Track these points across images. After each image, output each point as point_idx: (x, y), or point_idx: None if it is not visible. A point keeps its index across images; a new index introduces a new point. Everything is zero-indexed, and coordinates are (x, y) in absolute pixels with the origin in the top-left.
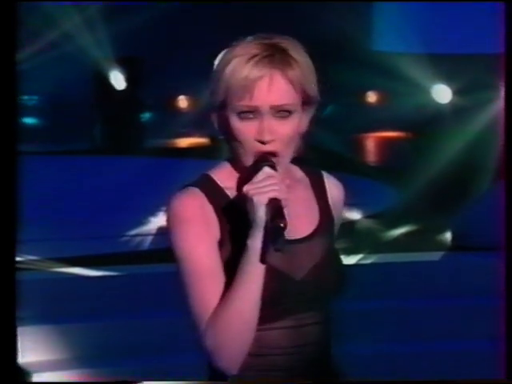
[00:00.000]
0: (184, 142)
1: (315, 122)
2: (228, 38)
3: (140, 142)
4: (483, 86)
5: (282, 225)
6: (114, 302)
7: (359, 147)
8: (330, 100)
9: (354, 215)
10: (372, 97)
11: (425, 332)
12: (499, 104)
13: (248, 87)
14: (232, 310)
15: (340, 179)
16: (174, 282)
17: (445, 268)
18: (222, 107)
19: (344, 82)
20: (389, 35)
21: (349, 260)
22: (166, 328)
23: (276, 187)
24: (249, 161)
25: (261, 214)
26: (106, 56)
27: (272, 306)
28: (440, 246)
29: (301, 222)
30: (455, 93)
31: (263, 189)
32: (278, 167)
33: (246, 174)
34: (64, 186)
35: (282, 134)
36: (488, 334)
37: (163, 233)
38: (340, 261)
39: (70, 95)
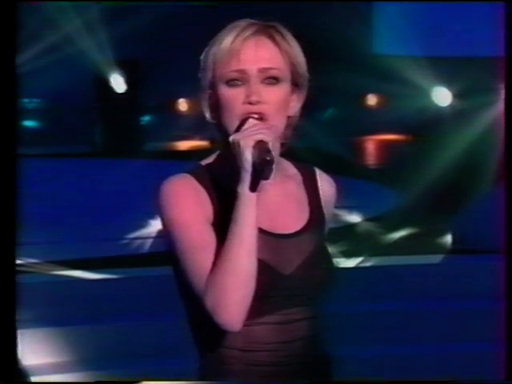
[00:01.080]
0: (184, 145)
1: (315, 124)
2: None
3: (140, 144)
4: (483, 88)
5: (268, 158)
6: (114, 305)
7: (359, 150)
8: (330, 103)
9: (354, 218)
10: (372, 100)
11: (425, 334)
12: (499, 107)
13: (234, 52)
14: (229, 259)
15: (340, 181)
16: (173, 284)
17: (445, 270)
18: (212, 83)
19: (344, 85)
20: (389, 38)
21: (349, 263)
22: (166, 330)
23: (262, 131)
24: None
25: (247, 156)
26: (106, 59)
27: (260, 300)
28: (440, 248)
29: (290, 217)
30: (455, 96)
31: (249, 133)
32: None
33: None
34: (64, 188)
35: (269, 98)
36: (488, 337)
37: (162, 236)
38: (329, 257)
39: (70, 98)
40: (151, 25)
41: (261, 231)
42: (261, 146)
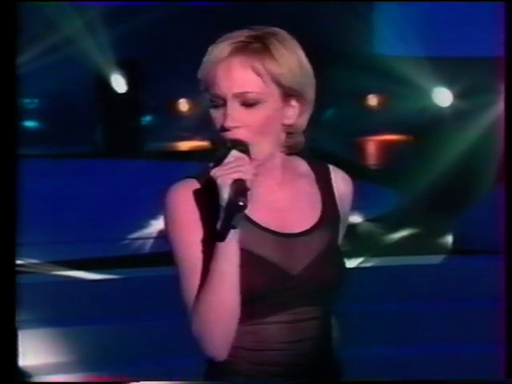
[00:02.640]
0: (185, 145)
1: (315, 125)
2: None
3: (141, 145)
4: (484, 89)
5: (241, 203)
6: (114, 305)
7: (360, 150)
8: (331, 103)
9: (355, 218)
10: (373, 100)
11: (425, 334)
12: (500, 107)
13: (210, 75)
14: (210, 292)
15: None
16: (174, 285)
17: (445, 271)
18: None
19: (345, 86)
20: (390, 39)
21: (350, 263)
22: (166, 331)
23: (241, 168)
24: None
25: (223, 195)
26: (107, 59)
27: (267, 299)
28: (441, 248)
29: (300, 216)
30: (456, 96)
31: (227, 170)
32: (251, 153)
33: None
34: (64, 189)
35: (249, 121)
36: (488, 337)
37: (163, 236)
38: (340, 257)
39: (70, 98)
40: (152, 25)
41: (269, 231)
42: (238, 186)
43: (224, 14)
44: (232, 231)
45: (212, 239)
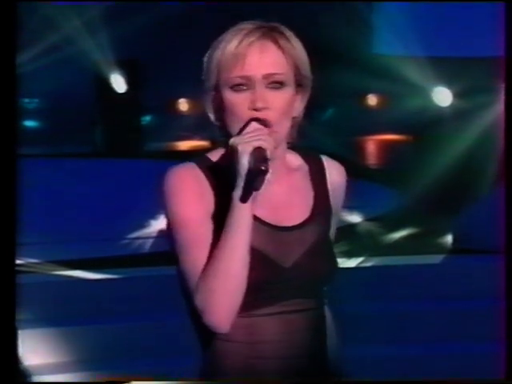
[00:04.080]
0: (185, 145)
1: (315, 124)
2: None
3: (140, 144)
4: (484, 88)
5: (263, 168)
6: (114, 305)
7: (360, 150)
8: (330, 103)
9: (355, 218)
10: (373, 100)
11: (425, 334)
12: (499, 107)
13: (239, 57)
14: (221, 260)
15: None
16: (174, 284)
17: (445, 270)
18: (216, 87)
19: (345, 85)
20: (389, 38)
21: (350, 263)
22: (167, 330)
23: (261, 137)
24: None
25: (243, 161)
26: (107, 59)
27: (260, 291)
28: (441, 248)
29: (293, 210)
30: (456, 96)
31: (248, 138)
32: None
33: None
34: (64, 188)
35: (274, 103)
36: (489, 337)
37: (163, 235)
38: (331, 250)
39: (70, 98)
40: (151, 25)
41: (263, 223)
42: (258, 154)
43: (224, 14)
44: (251, 197)
45: (215, 221)
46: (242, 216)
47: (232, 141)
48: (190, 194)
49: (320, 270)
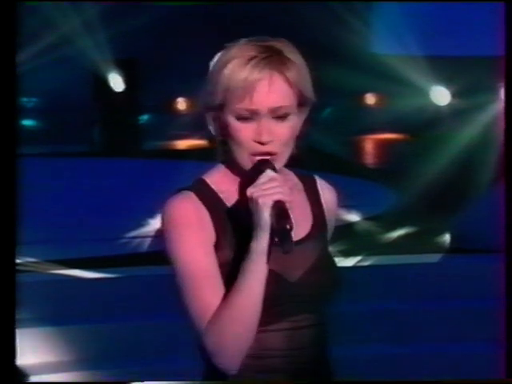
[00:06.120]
0: (183, 144)
1: (313, 124)
2: (226, 40)
3: (139, 144)
4: (482, 88)
5: (288, 226)
6: (113, 304)
7: (358, 149)
8: (328, 102)
9: (353, 217)
10: (371, 99)
11: (424, 334)
12: (498, 106)
13: (247, 89)
14: (235, 308)
15: (338, 181)
16: (172, 284)
17: (444, 270)
18: (220, 108)
19: (343, 85)
20: (387, 37)
21: (348, 262)
22: (165, 330)
23: (280, 189)
24: (246, 162)
25: (265, 216)
26: (105, 58)
27: (267, 308)
28: (439, 248)
29: (295, 226)
30: (454, 95)
31: (268, 191)
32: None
33: (245, 177)
34: (63, 188)
35: (279, 135)
36: (488, 336)
37: (161, 235)
38: (334, 263)
39: (68, 97)
40: (150, 24)
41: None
42: (279, 208)
43: (223, 14)
44: (263, 254)
45: (218, 250)
46: (260, 269)
47: (250, 192)
48: (189, 228)
49: (324, 283)
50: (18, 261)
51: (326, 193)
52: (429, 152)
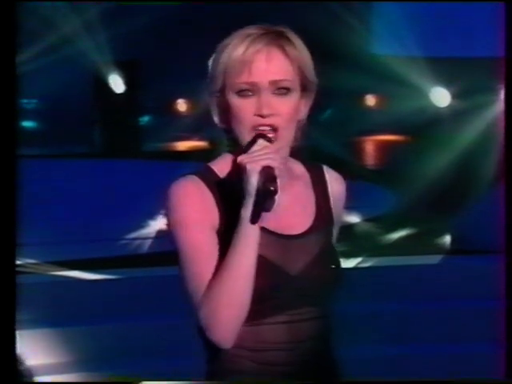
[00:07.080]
0: (183, 145)
1: (314, 125)
2: None
3: (139, 145)
4: (482, 89)
5: (272, 188)
6: (113, 305)
7: (358, 150)
8: (329, 103)
9: (353, 218)
10: (371, 100)
11: (424, 334)
12: (498, 107)
13: (246, 63)
14: (226, 277)
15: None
16: (173, 285)
17: (444, 271)
18: (221, 90)
19: (343, 86)
20: (387, 39)
21: (348, 263)
22: (166, 331)
23: (270, 156)
24: (248, 138)
25: (252, 181)
26: (105, 60)
27: (267, 300)
28: (439, 249)
29: (297, 218)
30: (454, 96)
31: (257, 157)
32: (276, 143)
33: (243, 151)
34: (63, 189)
35: (281, 110)
36: (488, 336)
37: (162, 236)
38: (336, 257)
39: (69, 99)
40: (150, 25)
41: (267, 232)
42: (267, 173)
43: (223, 14)
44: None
45: (220, 234)
46: (249, 235)
47: (240, 159)
48: (194, 206)
49: (325, 277)
50: (18, 262)
51: (334, 183)
52: (429, 153)
